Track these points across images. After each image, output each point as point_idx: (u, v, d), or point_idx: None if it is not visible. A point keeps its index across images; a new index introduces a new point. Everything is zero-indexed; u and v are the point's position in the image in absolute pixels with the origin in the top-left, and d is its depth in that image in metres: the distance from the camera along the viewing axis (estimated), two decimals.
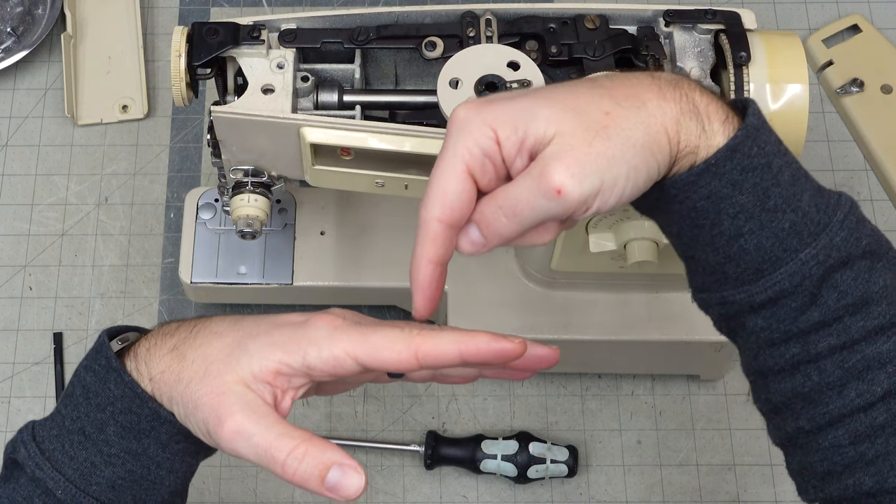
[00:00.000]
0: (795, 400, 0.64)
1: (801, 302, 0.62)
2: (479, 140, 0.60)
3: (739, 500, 0.99)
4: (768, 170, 0.61)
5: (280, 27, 0.82)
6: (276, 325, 0.63)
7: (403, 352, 0.61)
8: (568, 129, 0.59)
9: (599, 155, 0.59)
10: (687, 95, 0.61)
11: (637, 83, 0.61)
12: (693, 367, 1.01)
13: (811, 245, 0.61)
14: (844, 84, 1.13)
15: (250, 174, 0.85)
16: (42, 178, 1.10)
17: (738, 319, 0.65)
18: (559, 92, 0.61)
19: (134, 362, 0.64)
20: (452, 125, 0.61)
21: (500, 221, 0.61)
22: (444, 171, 0.61)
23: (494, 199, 0.61)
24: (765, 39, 0.80)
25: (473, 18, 0.82)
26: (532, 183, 0.59)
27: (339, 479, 0.59)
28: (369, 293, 0.99)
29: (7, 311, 1.05)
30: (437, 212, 0.61)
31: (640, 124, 0.59)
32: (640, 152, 0.59)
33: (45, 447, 0.64)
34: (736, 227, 0.62)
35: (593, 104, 0.60)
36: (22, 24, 1.15)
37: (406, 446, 0.99)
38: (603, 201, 0.59)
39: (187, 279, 0.98)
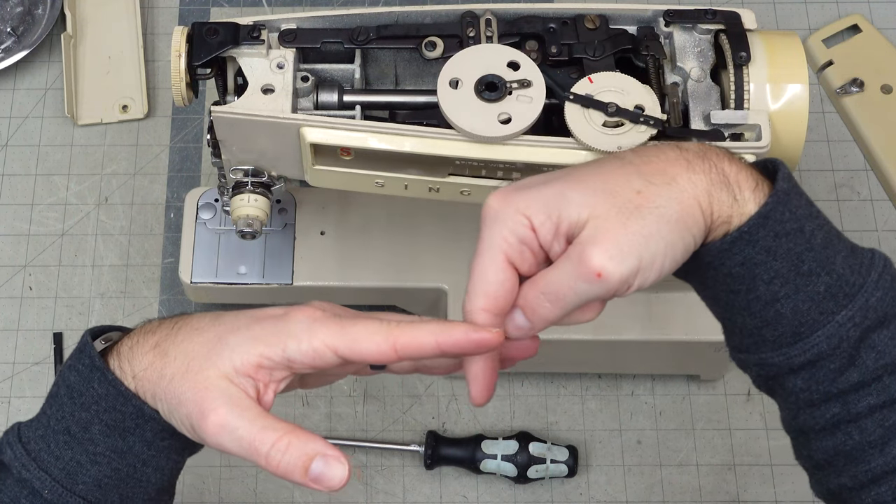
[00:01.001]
0: (837, 458, 0.64)
1: (839, 363, 0.63)
2: (515, 229, 0.61)
3: (739, 500, 0.99)
4: (801, 234, 0.62)
5: (280, 27, 0.82)
6: (256, 318, 0.63)
7: (382, 344, 0.61)
8: (602, 211, 0.60)
9: (636, 234, 0.59)
10: (716, 166, 0.62)
11: (665, 158, 0.62)
12: (693, 367, 1.01)
13: (847, 307, 0.62)
14: (844, 84, 1.13)
15: (250, 174, 0.85)
16: (42, 178, 1.10)
17: (777, 380, 0.65)
18: (588, 174, 0.62)
19: (117, 360, 0.64)
20: (486, 215, 0.62)
21: (544, 307, 0.61)
22: (483, 262, 0.62)
23: (536, 284, 0.62)
24: (765, 39, 0.80)
25: (473, 18, 0.82)
26: (572, 268, 0.60)
27: (322, 470, 0.59)
28: (369, 293, 0.99)
29: (7, 311, 1.05)
30: (482, 302, 0.62)
31: (672, 200, 0.60)
32: (675, 228, 0.60)
33: (31, 448, 0.64)
34: (771, 293, 0.62)
35: (624, 184, 0.61)
36: (22, 24, 1.15)
37: (406, 446, 0.99)
38: (643, 279, 0.60)
39: (187, 279, 0.98)
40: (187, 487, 0.98)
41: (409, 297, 1.00)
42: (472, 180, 0.81)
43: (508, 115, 0.76)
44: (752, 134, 0.78)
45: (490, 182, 0.80)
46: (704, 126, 0.79)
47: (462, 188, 0.81)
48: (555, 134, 0.77)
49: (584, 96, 0.77)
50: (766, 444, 1.00)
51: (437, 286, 0.97)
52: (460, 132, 0.77)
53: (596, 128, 0.76)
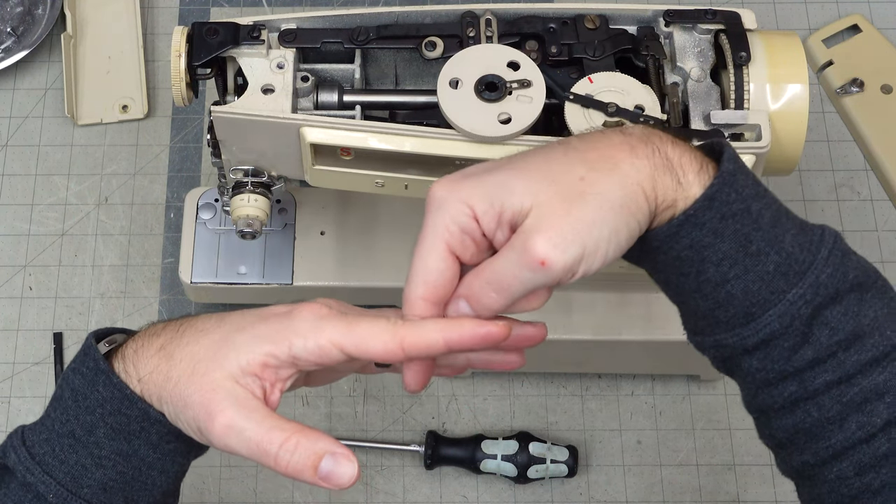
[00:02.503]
0: (798, 435, 0.64)
1: (793, 341, 0.62)
2: (457, 217, 0.61)
3: (739, 500, 0.99)
4: (748, 214, 0.62)
5: (280, 27, 0.82)
6: (261, 317, 0.63)
7: (389, 342, 0.61)
8: (544, 199, 0.60)
9: (578, 221, 0.59)
10: (658, 150, 0.62)
11: (609, 143, 0.62)
12: (693, 367, 1.01)
13: (798, 285, 0.62)
14: (844, 84, 1.13)
15: (250, 174, 0.85)
16: (42, 178, 1.10)
17: (733, 361, 0.65)
18: (532, 161, 0.62)
19: (122, 364, 0.64)
20: (430, 204, 0.62)
21: (489, 296, 0.61)
22: (425, 250, 0.62)
23: (481, 274, 0.61)
24: (765, 39, 0.80)
25: (473, 18, 0.82)
26: (515, 256, 0.60)
27: (331, 468, 0.59)
28: (369, 293, 0.99)
29: (7, 311, 1.05)
30: (422, 291, 0.62)
31: (615, 186, 0.60)
32: (618, 213, 0.60)
33: (35, 451, 0.64)
34: (721, 274, 0.62)
35: (567, 171, 0.61)
36: (22, 24, 1.15)
37: (406, 446, 0.99)
38: (588, 266, 0.60)
39: (187, 279, 0.98)
40: (187, 487, 0.98)
41: None
42: None
43: (508, 115, 0.76)
44: (752, 134, 0.78)
45: None
46: (704, 126, 0.79)
47: None
48: (555, 134, 0.77)
49: (584, 96, 0.77)
50: None
51: None
52: (460, 132, 0.77)
53: (596, 128, 0.76)
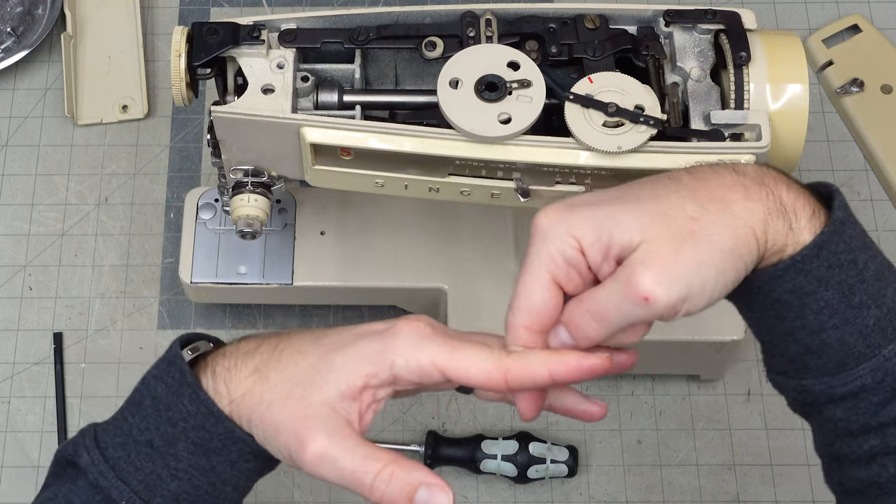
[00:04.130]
0: (871, 488, 0.64)
1: (882, 397, 0.62)
2: (563, 249, 0.60)
3: (739, 500, 0.99)
4: (854, 266, 0.61)
5: (280, 27, 0.82)
6: (359, 335, 0.62)
7: (494, 372, 0.60)
8: (654, 235, 0.59)
9: (687, 261, 0.58)
10: (773, 193, 0.61)
11: (721, 182, 0.61)
12: (693, 367, 1.01)
13: (894, 341, 0.61)
14: (844, 84, 1.13)
15: (250, 174, 0.85)
16: (42, 178, 1.10)
17: (815, 406, 0.65)
18: (641, 195, 0.61)
19: (212, 381, 0.63)
20: (535, 232, 0.61)
21: (590, 325, 0.60)
22: (529, 279, 0.61)
23: (583, 303, 0.60)
24: (765, 39, 0.80)
25: (473, 18, 0.82)
26: (620, 289, 0.59)
27: (427, 500, 0.59)
28: (369, 293, 0.99)
29: (7, 311, 1.05)
30: (525, 320, 0.61)
31: (726, 227, 0.59)
32: (728, 256, 0.59)
33: (109, 455, 0.63)
34: (819, 322, 0.61)
35: (678, 208, 0.60)
36: (22, 24, 1.15)
37: (406, 446, 0.99)
38: (691, 305, 0.59)
39: (187, 279, 0.98)
40: None
41: (409, 297, 1.00)
42: (472, 180, 0.81)
43: (508, 115, 0.76)
44: (752, 134, 0.78)
45: (490, 182, 0.80)
46: (704, 126, 0.79)
47: (462, 188, 0.81)
48: (555, 134, 0.77)
49: (584, 96, 0.77)
50: (766, 444, 1.00)
51: (437, 286, 0.97)
52: (460, 132, 0.77)
53: (596, 128, 0.76)
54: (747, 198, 0.60)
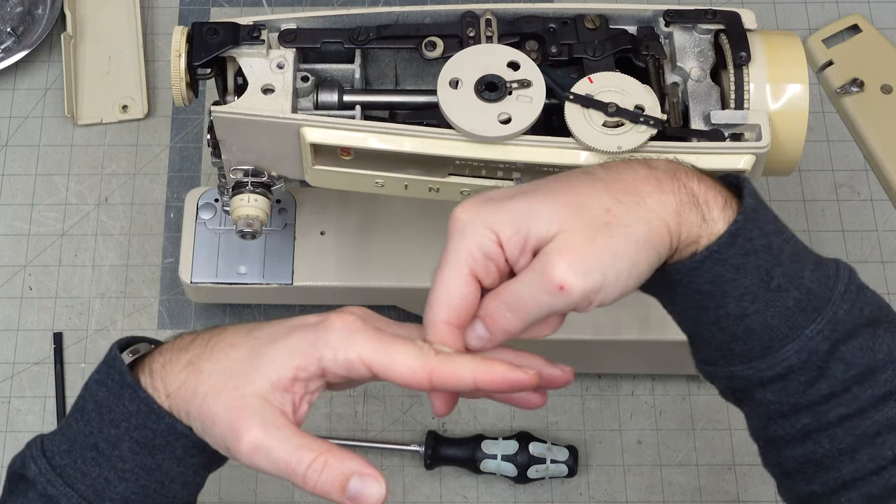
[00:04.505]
0: (807, 465, 0.65)
1: (809, 376, 0.63)
2: (481, 243, 0.61)
3: (739, 500, 0.99)
4: (769, 250, 0.62)
5: (280, 27, 0.82)
6: (292, 328, 0.63)
7: (419, 371, 0.61)
8: (570, 225, 0.60)
9: (602, 251, 0.59)
10: (685, 186, 0.62)
11: (634, 176, 0.62)
12: (693, 367, 1.01)
13: (816, 321, 0.62)
14: (844, 84, 1.13)
15: (250, 174, 0.85)
16: (42, 178, 1.10)
17: (745, 392, 0.66)
18: (557, 188, 0.62)
19: (149, 378, 0.63)
20: (454, 227, 0.62)
21: (505, 318, 0.61)
22: (447, 274, 0.62)
23: (499, 295, 0.62)
24: (765, 39, 0.80)
25: (473, 18, 0.82)
26: (535, 279, 0.60)
27: (359, 489, 0.59)
28: (369, 293, 0.99)
29: (7, 311, 1.05)
30: (444, 314, 0.62)
31: (640, 220, 0.60)
32: (641, 248, 0.60)
33: (56, 462, 0.63)
34: (741, 308, 0.62)
35: (593, 201, 0.61)
36: (22, 24, 1.15)
37: (406, 446, 0.99)
38: (605, 295, 0.60)
39: (187, 279, 0.98)
40: None
41: (409, 297, 1.00)
42: (472, 180, 0.81)
43: (508, 115, 0.76)
44: (752, 134, 0.78)
45: (490, 182, 0.80)
46: (704, 126, 0.79)
47: (462, 188, 0.81)
48: (555, 134, 0.77)
49: (584, 96, 0.77)
50: None
51: None
52: (460, 132, 0.77)
53: (596, 128, 0.76)
54: (660, 190, 0.61)
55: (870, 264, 1.07)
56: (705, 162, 0.77)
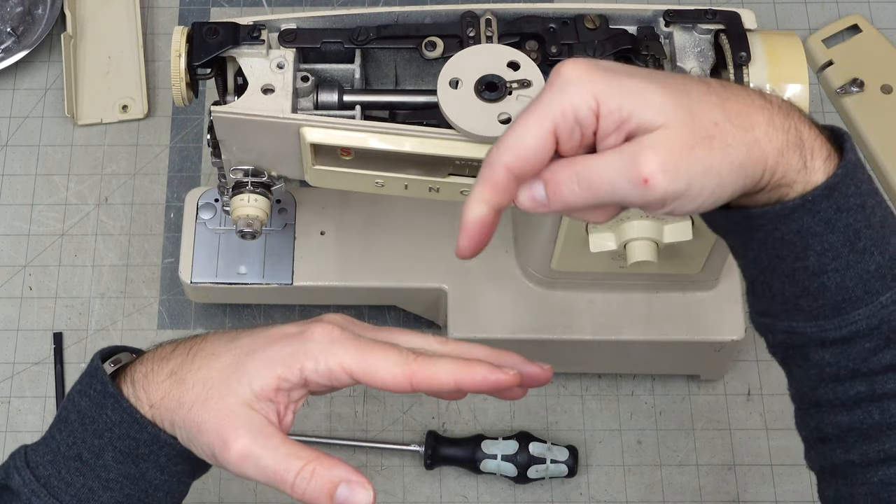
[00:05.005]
0: (850, 434, 0.63)
1: (875, 344, 0.62)
2: (578, 106, 0.58)
3: (739, 500, 0.99)
4: (862, 210, 0.61)
5: (280, 27, 0.82)
6: (272, 338, 0.63)
7: (399, 376, 0.61)
8: (676, 124, 0.57)
9: (696, 161, 0.57)
10: (796, 127, 0.60)
11: (750, 102, 0.60)
12: (693, 367, 1.01)
13: (893, 289, 0.61)
14: (844, 84, 1.13)
15: (250, 174, 0.85)
16: (42, 178, 1.10)
17: (800, 350, 0.64)
18: (674, 84, 0.59)
19: (131, 388, 0.63)
20: (556, 79, 0.59)
21: (573, 189, 0.58)
22: (529, 123, 0.58)
23: (574, 165, 0.58)
24: (765, 39, 0.80)
25: (473, 18, 0.82)
26: (621, 162, 0.57)
27: (347, 496, 0.59)
28: (369, 293, 0.99)
29: (7, 311, 1.05)
30: (509, 159, 0.58)
31: (743, 145, 0.58)
32: (734, 171, 0.58)
33: (41, 473, 0.63)
34: (821, 265, 0.61)
35: (706, 110, 0.58)
36: (22, 24, 1.15)
37: (406, 446, 0.99)
38: (682, 205, 0.58)
39: (187, 279, 0.98)
40: None
41: (409, 297, 1.00)
42: (472, 180, 0.80)
43: (508, 115, 0.76)
44: None
45: None
46: None
47: (462, 188, 0.81)
48: None
49: None
50: (766, 444, 1.00)
51: (437, 286, 0.97)
52: (460, 132, 0.77)
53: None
54: (771, 124, 0.59)
55: None
56: None
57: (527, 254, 0.95)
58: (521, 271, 0.97)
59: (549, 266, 0.92)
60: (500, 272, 0.97)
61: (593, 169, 0.58)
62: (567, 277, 0.94)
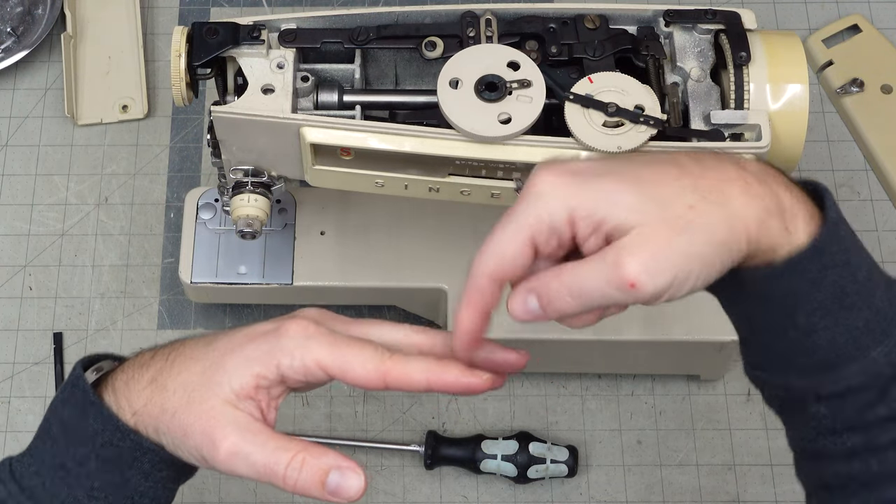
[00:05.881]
0: (851, 482, 0.63)
1: (868, 398, 0.62)
2: (553, 217, 0.60)
3: (739, 500, 0.99)
4: (847, 267, 0.61)
5: (280, 27, 0.82)
6: (249, 337, 0.63)
7: (372, 372, 0.61)
8: (650, 220, 0.58)
9: (676, 252, 0.58)
10: (774, 192, 0.60)
11: (725, 175, 0.60)
12: (693, 367, 1.01)
13: (883, 343, 0.61)
14: (844, 84, 1.13)
15: (250, 174, 0.85)
16: (42, 178, 1.10)
17: (797, 404, 0.64)
18: (644, 175, 0.60)
19: (113, 396, 0.63)
20: (529, 190, 0.60)
21: (564, 300, 0.60)
22: (507, 233, 0.60)
23: (561, 276, 0.60)
24: (765, 39, 0.81)
25: (473, 18, 0.82)
26: (605, 271, 0.58)
27: (339, 482, 0.60)
28: (369, 293, 0.99)
29: (7, 311, 1.05)
30: (490, 268, 0.61)
31: (723, 222, 0.59)
32: (717, 250, 0.59)
33: (26, 484, 0.63)
34: (811, 324, 0.61)
35: (679, 196, 0.59)
36: (22, 24, 1.15)
37: (406, 446, 0.99)
38: (673, 293, 0.59)
39: (187, 279, 0.98)
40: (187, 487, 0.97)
41: (409, 297, 1.00)
42: (472, 180, 0.81)
43: (508, 115, 0.76)
44: (752, 134, 0.78)
45: (490, 182, 0.80)
46: (704, 126, 0.79)
47: (462, 188, 0.81)
48: (555, 134, 0.77)
49: (584, 96, 0.77)
50: (766, 444, 1.00)
51: (437, 286, 0.97)
52: (460, 132, 0.77)
53: (596, 128, 0.76)
54: (747, 193, 0.60)
55: None
56: None
57: None
58: None
59: None
60: None
61: (581, 279, 0.59)
62: None
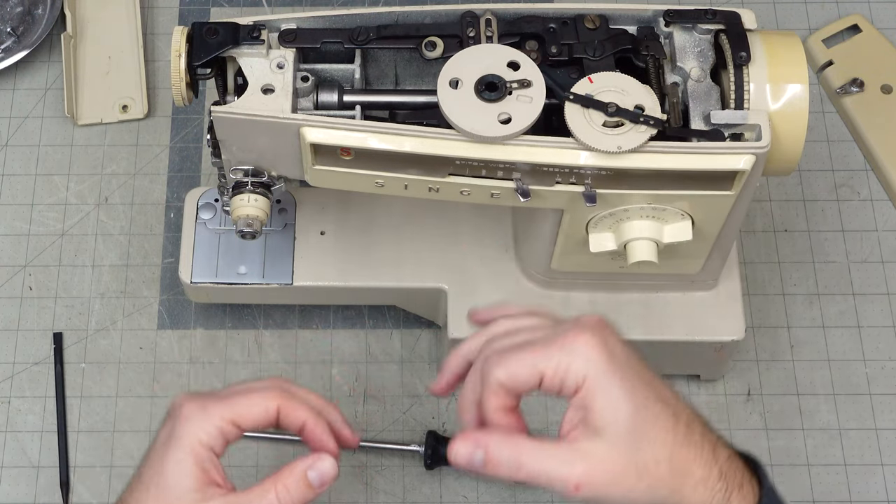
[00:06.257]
0: None
1: None
2: (564, 380, 0.67)
3: None
4: None
5: (280, 27, 0.82)
6: (163, 446, 0.70)
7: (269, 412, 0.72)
8: (619, 444, 0.65)
9: (619, 487, 0.64)
10: (725, 493, 0.66)
11: (700, 458, 0.66)
12: (693, 367, 1.01)
13: None
14: (844, 84, 1.13)
15: (250, 174, 0.85)
16: (42, 178, 1.10)
17: None
18: (650, 404, 0.67)
19: None
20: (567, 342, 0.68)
21: (509, 470, 0.66)
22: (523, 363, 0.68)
23: (520, 450, 0.66)
24: (765, 39, 0.81)
25: (473, 18, 0.82)
26: (560, 466, 0.65)
27: (319, 473, 0.69)
28: (369, 293, 0.99)
29: (7, 311, 1.05)
30: (469, 418, 0.72)
31: (668, 489, 0.65)
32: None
33: None
34: None
35: (654, 446, 0.65)
36: (22, 24, 1.15)
37: (406, 446, 0.99)
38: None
39: (187, 279, 0.98)
40: None
41: (409, 297, 1.00)
42: (472, 180, 0.81)
43: (508, 115, 0.76)
44: (752, 134, 0.78)
45: (490, 182, 0.80)
46: (704, 126, 0.79)
47: (462, 188, 0.81)
48: (555, 134, 0.77)
49: (584, 96, 0.77)
50: (766, 444, 1.00)
51: (437, 286, 0.97)
52: (460, 132, 0.77)
53: (596, 128, 0.76)
54: (704, 483, 0.66)
55: (870, 264, 1.07)
56: (705, 162, 0.77)
57: (527, 254, 0.95)
58: (521, 271, 0.97)
59: (549, 266, 0.92)
60: (500, 272, 0.97)
61: (535, 460, 0.65)
62: (567, 277, 0.94)
